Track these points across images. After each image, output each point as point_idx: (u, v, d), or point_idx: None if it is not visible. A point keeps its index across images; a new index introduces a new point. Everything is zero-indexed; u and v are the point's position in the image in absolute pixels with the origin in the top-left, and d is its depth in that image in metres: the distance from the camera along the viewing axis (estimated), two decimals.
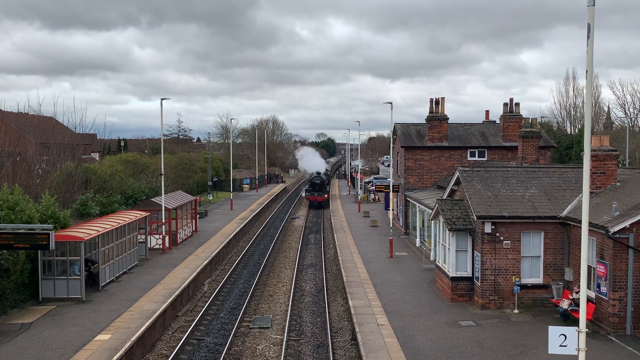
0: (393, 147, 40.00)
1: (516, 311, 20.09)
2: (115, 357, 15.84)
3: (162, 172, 35.55)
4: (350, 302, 21.89)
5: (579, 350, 9.84)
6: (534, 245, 20.70)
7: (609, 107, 69.61)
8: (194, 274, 26.34)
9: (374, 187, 57.93)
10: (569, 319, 18.51)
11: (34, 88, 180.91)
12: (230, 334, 20.05)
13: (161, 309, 20.54)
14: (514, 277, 20.40)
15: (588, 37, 9.58)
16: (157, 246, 32.16)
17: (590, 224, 17.07)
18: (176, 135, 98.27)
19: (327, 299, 24.37)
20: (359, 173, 73.50)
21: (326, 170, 79.76)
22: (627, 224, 17.23)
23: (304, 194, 66.31)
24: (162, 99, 34.60)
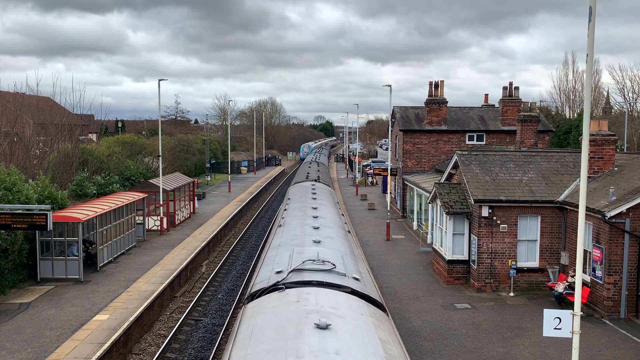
0: (391, 130, 39.93)
1: (512, 294, 20.24)
2: (114, 337, 15.96)
3: (160, 154, 35.53)
4: None
5: (573, 333, 9.92)
6: (530, 229, 20.79)
7: (608, 91, 69.48)
8: (192, 255, 26.43)
9: (372, 171, 57.95)
10: (564, 302, 18.66)
11: (28, 69, 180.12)
12: (227, 315, 20.19)
13: (159, 289, 20.64)
14: (510, 260, 20.52)
15: (589, 21, 9.49)
16: (155, 227, 32.21)
17: (587, 209, 17.12)
18: (174, 117, 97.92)
19: None
20: (357, 156, 73.46)
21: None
22: (623, 208, 17.30)
23: None
24: (159, 80, 34.50)
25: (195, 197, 41.40)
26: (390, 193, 38.60)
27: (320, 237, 11.99)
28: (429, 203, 25.29)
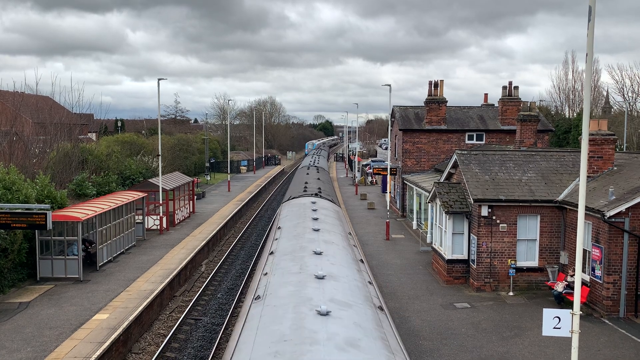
0: (391, 129, 39.94)
1: (511, 294, 20.25)
2: (113, 336, 15.96)
3: (160, 153, 35.56)
4: None
5: (572, 332, 9.93)
6: (530, 228, 20.80)
7: (607, 91, 69.49)
8: (192, 254, 26.43)
9: (371, 170, 57.93)
10: (563, 301, 18.67)
11: (27, 68, 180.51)
12: (227, 314, 20.19)
13: (159, 289, 20.64)
14: (509, 260, 20.52)
15: (589, 20, 9.49)
16: (155, 227, 32.21)
17: (587, 208, 17.15)
18: (173, 116, 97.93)
19: None
20: (356, 156, 73.44)
21: None
22: (622, 208, 17.31)
23: None
24: (159, 79, 34.52)
25: (195, 197, 41.39)
26: (390, 192, 38.60)
27: (336, 338, 6.18)
28: (429, 202, 25.29)
